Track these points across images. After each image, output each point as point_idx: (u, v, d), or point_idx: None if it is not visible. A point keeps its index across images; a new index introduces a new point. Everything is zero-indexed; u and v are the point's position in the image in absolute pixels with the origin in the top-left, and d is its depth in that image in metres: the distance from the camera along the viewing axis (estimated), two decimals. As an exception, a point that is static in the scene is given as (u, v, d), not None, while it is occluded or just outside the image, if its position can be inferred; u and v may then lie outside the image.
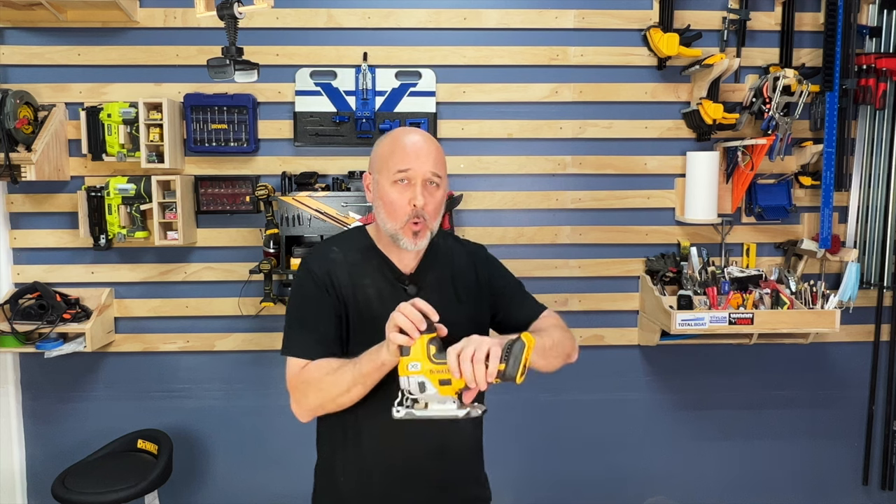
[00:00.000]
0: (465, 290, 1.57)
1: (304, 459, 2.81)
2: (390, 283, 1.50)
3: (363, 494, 1.53)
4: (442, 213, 1.52)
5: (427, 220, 1.45)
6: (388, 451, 1.51)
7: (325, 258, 1.51)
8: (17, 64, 2.62)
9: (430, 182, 1.44)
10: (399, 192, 1.43)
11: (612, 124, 2.73)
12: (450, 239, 1.66)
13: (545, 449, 2.82)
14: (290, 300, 1.53)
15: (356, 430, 1.51)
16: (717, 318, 2.46)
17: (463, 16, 2.67)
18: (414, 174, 1.43)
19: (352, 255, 1.52)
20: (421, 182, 1.43)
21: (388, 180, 1.44)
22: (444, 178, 1.49)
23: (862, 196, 2.76)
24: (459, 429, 1.53)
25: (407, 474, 1.52)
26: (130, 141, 2.57)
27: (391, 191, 1.44)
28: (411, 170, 1.42)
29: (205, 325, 2.75)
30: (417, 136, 1.47)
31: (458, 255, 1.62)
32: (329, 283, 1.47)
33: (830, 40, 2.63)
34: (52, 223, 2.68)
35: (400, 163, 1.43)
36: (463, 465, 1.60)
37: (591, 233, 2.77)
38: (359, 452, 1.52)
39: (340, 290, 1.47)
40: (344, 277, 1.48)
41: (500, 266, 1.68)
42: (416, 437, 1.49)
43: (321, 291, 1.46)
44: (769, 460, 2.91)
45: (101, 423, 2.73)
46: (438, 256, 1.58)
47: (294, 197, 2.53)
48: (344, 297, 1.47)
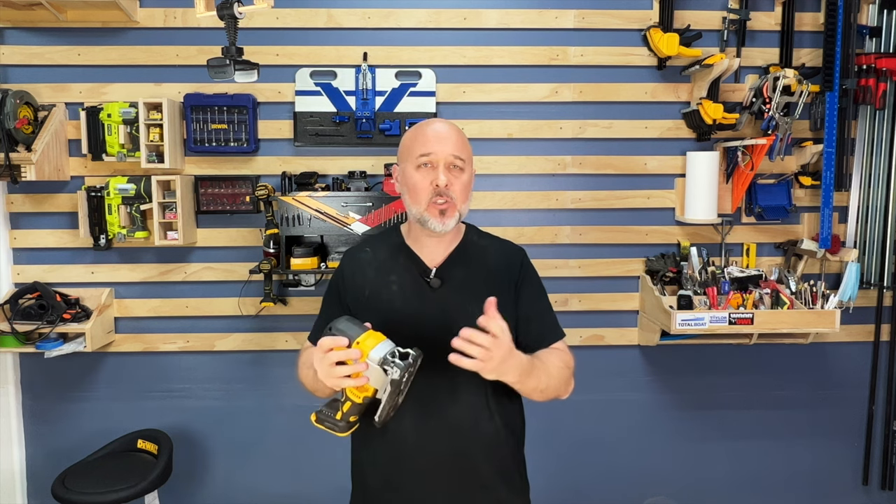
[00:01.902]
0: (496, 289, 1.46)
1: (304, 459, 2.83)
2: (414, 277, 1.53)
3: (385, 493, 1.53)
4: (470, 196, 1.53)
5: (454, 199, 1.48)
6: (404, 451, 1.50)
7: (355, 258, 1.61)
8: (17, 64, 2.62)
9: (454, 165, 1.49)
10: (422, 176, 1.48)
11: (612, 124, 2.73)
12: (486, 238, 1.64)
13: (545, 449, 2.82)
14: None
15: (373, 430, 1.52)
16: (717, 318, 2.46)
17: (463, 16, 2.67)
18: (436, 157, 1.47)
19: (382, 253, 1.59)
20: (444, 165, 1.47)
21: (413, 166, 1.49)
22: (468, 163, 1.52)
23: (862, 196, 2.76)
24: (478, 433, 1.50)
25: (425, 475, 1.50)
26: (130, 141, 2.57)
27: (415, 175, 1.49)
28: (433, 153, 1.48)
29: (205, 325, 2.75)
30: (439, 124, 1.53)
31: (494, 255, 1.59)
32: (352, 282, 1.56)
33: (830, 40, 2.63)
34: (52, 223, 2.68)
35: (422, 147, 1.48)
36: (483, 470, 1.53)
37: (591, 233, 2.77)
38: (378, 451, 1.53)
39: (364, 288, 1.53)
40: (371, 274, 1.55)
41: (535, 276, 1.61)
42: (432, 440, 1.48)
43: (340, 288, 1.57)
44: (769, 460, 2.91)
45: (101, 423, 2.73)
46: (470, 254, 1.57)
47: (294, 197, 2.53)
48: (367, 294, 1.52)
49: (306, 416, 2.82)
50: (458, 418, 1.48)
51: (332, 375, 1.29)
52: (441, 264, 1.54)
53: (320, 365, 1.30)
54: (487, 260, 1.57)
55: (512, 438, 1.58)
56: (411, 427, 1.48)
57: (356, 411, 1.35)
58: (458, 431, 1.48)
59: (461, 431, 1.48)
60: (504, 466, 1.56)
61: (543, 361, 1.45)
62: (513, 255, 1.60)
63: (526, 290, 1.57)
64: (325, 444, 2.76)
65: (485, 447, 1.51)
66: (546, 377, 1.43)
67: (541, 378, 1.41)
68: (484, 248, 1.59)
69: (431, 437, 1.48)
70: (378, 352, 1.28)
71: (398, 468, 1.50)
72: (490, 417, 1.51)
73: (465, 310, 1.44)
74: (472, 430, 1.49)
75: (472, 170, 1.55)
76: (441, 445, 1.48)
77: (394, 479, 1.51)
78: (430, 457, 1.49)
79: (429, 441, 1.48)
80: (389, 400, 1.29)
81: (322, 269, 2.56)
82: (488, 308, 1.28)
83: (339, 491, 1.68)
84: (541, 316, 1.58)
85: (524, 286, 1.57)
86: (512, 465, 1.59)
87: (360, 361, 1.28)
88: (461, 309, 1.47)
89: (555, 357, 1.51)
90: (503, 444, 1.55)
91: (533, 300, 1.57)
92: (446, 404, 1.48)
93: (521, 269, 1.58)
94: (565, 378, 1.50)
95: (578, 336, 2.80)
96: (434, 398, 1.47)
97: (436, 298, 1.51)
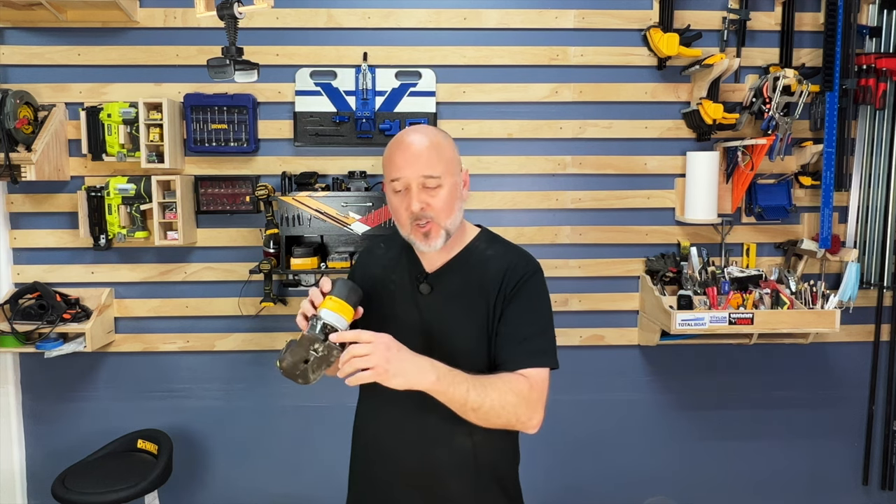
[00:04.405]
0: (487, 300, 1.45)
1: (304, 459, 2.83)
2: (410, 281, 1.51)
3: (365, 496, 1.56)
4: (457, 208, 1.45)
5: (434, 218, 1.41)
6: (382, 457, 1.51)
7: (371, 252, 1.63)
8: (17, 64, 2.62)
9: (426, 185, 1.40)
10: (399, 200, 1.43)
11: (612, 124, 2.73)
12: (496, 246, 1.53)
13: (545, 449, 2.82)
14: None
15: (362, 431, 1.57)
16: (717, 318, 2.46)
17: (463, 16, 2.67)
18: (406, 181, 1.41)
19: (393, 251, 1.58)
20: (416, 186, 1.40)
21: (390, 190, 1.46)
22: (446, 174, 1.41)
23: (862, 196, 2.76)
24: (453, 447, 1.46)
25: (398, 484, 1.49)
26: (130, 141, 2.57)
27: (393, 199, 1.45)
28: (402, 178, 1.41)
29: (205, 325, 2.75)
30: (408, 140, 1.43)
31: (496, 264, 1.47)
32: (363, 275, 1.56)
33: (830, 40, 2.63)
34: (52, 223, 2.68)
35: (393, 172, 1.42)
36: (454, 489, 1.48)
37: (591, 233, 2.77)
38: (362, 453, 1.56)
39: (373, 283, 1.53)
40: (378, 271, 1.55)
41: (533, 296, 1.45)
42: (406, 449, 1.48)
43: (355, 279, 1.56)
44: (769, 460, 2.91)
45: (101, 423, 2.73)
46: (469, 262, 1.50)
47: (294, 197, 2.53)
48: (372, 290, 1.51)
49: (306, 416, 2.85)
50: (433, 430, 1.44)
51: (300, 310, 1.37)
52: (435, 271, 1.50)
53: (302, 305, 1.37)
54: (487, 269, 1.47)
55: (496, 459, 1.50)
56: (388, 433, 1.48)
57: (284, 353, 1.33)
58: (432, 444, 1.45)
59: (435, 444, 1.45)
60: (481, 489, 1.48)
61: (482, 379, 1.33)
62: (516, 269, 1.46)
63: (514, 306, 1.43)
64: (326, 445, 2.78)
65: (459, 464, 1.45)
66: (478, 395, 1.30)
67: (469, 394, 1.29)
68: (488, 256, 1.49)
69: (406, 446, 1.47)
70: (324, 313, 1.31)
71: (379, 472, 1.52)
72: (467, 433, 1.44)
73: (452, 318, 1.44)
74: (447, 443, 1.45)
75: (456, 178, 1.44)
76: (414, 455, 1.47)
77: (370, 481, 1.53)
78: (403, 466, 1.48)
79: (403, 449, 1.48)
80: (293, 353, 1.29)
81: (322, 269, 2.56)
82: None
83: (340, 491, 1.68)
84: (519, 337, 1.41)
85: (514, 301, 1.43)
86: (493, 488, 1.50)
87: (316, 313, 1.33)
88: (448, 317, 1.45)
89: (507, 380, 1.35)
90: (482, 465, 1.47)
91: (516, 318, 1.42)
92: (423, 413, 1.42)
93: (519, 284, 1.44)
94: (511, 404, 1.33)
95: (578, 336, 2.80)
96: (409, 407, 1.42)
97: (424, 305, 1.47)
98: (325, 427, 2.77)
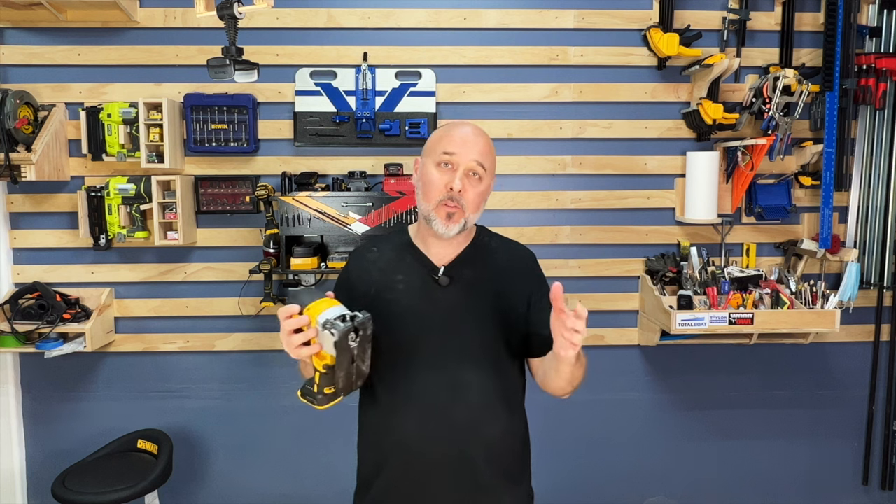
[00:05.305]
0: (506, 289, 1.54)
1: (304, 459, 2.83)
2: (422, 277, 1.52)
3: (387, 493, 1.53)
4: (481, 207, 1.52)
5: (464, 206, 1.47)
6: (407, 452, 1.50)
7: (362, 257, 1.62)
8: (17, 64, 2.62)
9: (473, 173, 1.48)
10: (440, 174, 1.48)
11: (612, 124, 2.73)
12: (496, 240, 1.64)
13: (545, 448, 2.81)
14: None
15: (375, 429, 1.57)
16: (717, 318, 2.46)
17: (463, 16, 2.67)
18: (457, 160, 1.47)
19: (388, 252, 1.59)
20: (463, 169, 1.47)
21: (433, 162, 1.49)
22: (489, 172, 1.51)
23: (862, 196, 2.76)
24: (482, 434, 1.49)
25: (428, 477, 1.49)
26: (130, 141, 2.57)
27: (433, 171, 1.49)
28: (456, 155, 1.47)
29: (205, 325, 2.75)
30: (469, 128, 1.52)
31: (505, 256, 1.59)
32: (358, 280, 1.56)
33: (830, 40, 2.63)
34: (52, 223, 2.68)
35: (447, 146, 1.48)
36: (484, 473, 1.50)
37: (591, 233, 2.77)
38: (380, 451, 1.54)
39: (370, 287, 1.53)
40: (377, 274, 1.55)
41: (545, 282, 1.59)
42: (435, 441, 1.47)
43: (347, 287, 1.57)
44: (769, 460, 2.91)
45: (101, 423, 2.73)
46: (480, 255, 1.57)
47: (294, 197, 2.53)
48: (372, 293, 1.52)
49: (306, 416, 2.84)
50: (462, 419, 1.47)
51: (289, 345, 1.30)
52: (450, 263, 1.54)
53: (282, 336, 1.30)
54: (498, 261, 1.57)
55: (517, 443, 1.57)
56: (415, 427, 1.47)
57: (326, 382, 1.30)
58: (462, 432, 1.47)
59: (464, 432, 1.47)
60: (508, 471, 1.54)
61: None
62: (525, 259, 1.62)
63: (540, 292, 1.54)
64: (326, 445, 2.78)
65: (487, 449, 1.49)
66: (580, 369, 1.44)
67: (580, 369, 1.43)
68: (494, 249, 1.60)
69: (434, 437, 1.47)
70: (324, 316, 1.26)
71: (401, 469, 1.50)
72: (494, 419, 1.50)
73: (475, 308, 1.47)
74: (476, 431, 1.48)
75: (491, 182, 1.54)
76: (443, 446, 1.47)
77: (395, 480, 1.51)
78: (432, 458, 1.47)
79: (431, 442, 1.47)
80: (339, 366, 1.25)
81: (322, 269, 2.56)
82: (557, 294, 1.24)
83: (340, 491, 1.68)
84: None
85: (540, 287, 1.57)
86: (516, 469, 1.57)
87: (311, 327, 1.26)
88: (471, 307, 1.48)
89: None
90: (507, 448, 1.54)
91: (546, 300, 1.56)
92: (450, 404, 1.47)
93: (537, 271, 1.61)
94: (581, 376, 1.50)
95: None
96: (438, 397, 1.46)
97: (444, 297, 1.51)
98: (325, 427, 2.77)
